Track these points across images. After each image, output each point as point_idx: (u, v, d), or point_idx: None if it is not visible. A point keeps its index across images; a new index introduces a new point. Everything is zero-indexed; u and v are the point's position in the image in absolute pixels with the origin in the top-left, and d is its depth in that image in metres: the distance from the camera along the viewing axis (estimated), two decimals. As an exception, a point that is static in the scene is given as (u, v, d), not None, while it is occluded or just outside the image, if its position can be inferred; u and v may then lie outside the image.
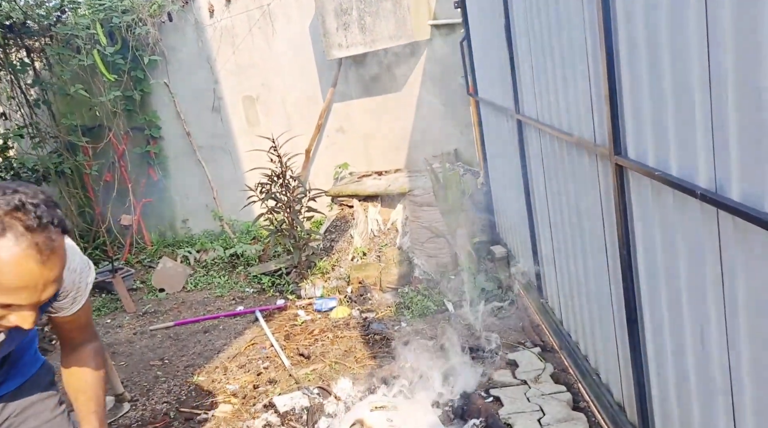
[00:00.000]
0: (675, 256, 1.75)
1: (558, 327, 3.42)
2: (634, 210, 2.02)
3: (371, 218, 5.62)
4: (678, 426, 1.94)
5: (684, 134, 1.60)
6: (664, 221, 1.80)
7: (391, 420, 2.02)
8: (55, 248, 1.19)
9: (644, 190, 1.91)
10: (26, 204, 1.16)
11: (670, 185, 1.67)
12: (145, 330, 4.64)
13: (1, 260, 1.11)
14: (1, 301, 1.16)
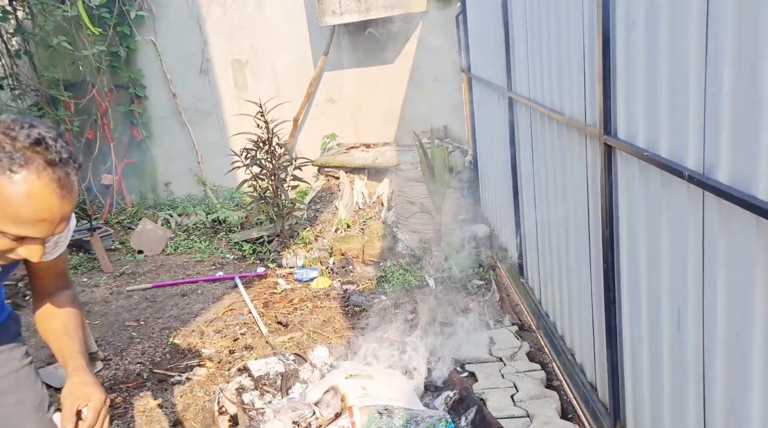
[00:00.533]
0: (658, 237, 1.75)
1: (536, 307, 3.44)
2: (620, 191, 2.01)
3: (357, 191, 5.58)
4: (648, 406, 1.96)
5: (676, 115, 1.58)
6: (650, 203, 1.79)
7: (365, 388, 2.01)
8: (73, 183, 1.21)
9: (632, 170, 1.89)
10: (46, 139, 1.17)
11: (659, 165, 1.66)
12: (122, 290, 4.59)
13: (23, 192, 1.14)
14: (16, 233, 1.18)
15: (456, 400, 2.12)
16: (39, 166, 1.15)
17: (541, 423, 2.71)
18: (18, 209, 1.15)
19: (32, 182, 1.14)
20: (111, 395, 3.19)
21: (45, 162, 1.16)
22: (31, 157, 1.15)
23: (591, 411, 2.56)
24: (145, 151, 6.68)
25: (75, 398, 1.41)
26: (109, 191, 6.50)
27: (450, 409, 2.09)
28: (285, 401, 2.14)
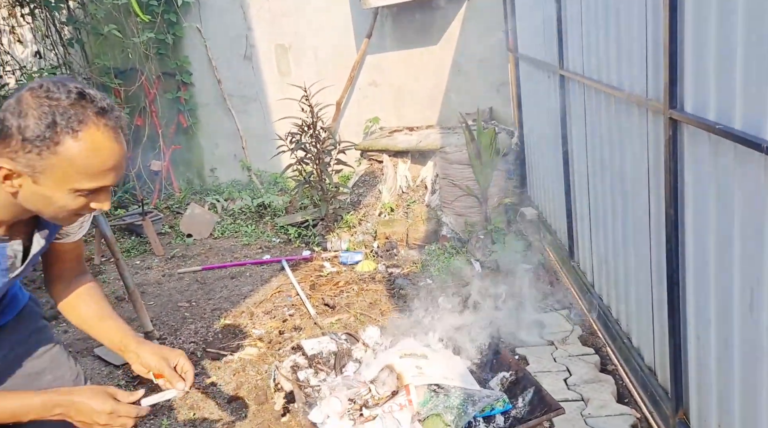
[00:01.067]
0: (730, 215, 1.67)
1: (588, 290, 3.36)
2: (686, 167, 1.93)
3: (400, 175, 5.55)
4: (716, 391, 1.90)
5: (753, 85, 1.49)
6: (721, 179, 1.71)
7: (420, 367, 2.00)
8: (123, 126, 1.27)
9: (701, 145, 1.81)
10: (84, 91, 1.21)
11: (732, 139, 1.58)
12: (173, 272, 4.70)
13: (90, 147, 1.19)
14: (90, 186, 1.23)
15: (512, 381, 2.09)
16: (93, 119, 1.19)
17: (596, 406, 2.66)
18: (89, 163, 1.19)
19: (94, 135, 1.19)
20: (167, 372, 3.28)
21: (95, 114, 1.20)
22: (83, 112, 1.18)
23: (650, 396, 2.50)
24: (191, 137, 6.80)
25: (165, 359, 1.52)
26: (158, 177, 6.65)
27: (506, 390, 2.06)
28: (340, 379, 2.16)
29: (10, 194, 1.24)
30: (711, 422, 1.96)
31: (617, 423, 2.54)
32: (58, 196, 1.22)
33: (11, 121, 1.16)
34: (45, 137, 1.16)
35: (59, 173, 1.19)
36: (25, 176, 1.20)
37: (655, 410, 2.45)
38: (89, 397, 1.38)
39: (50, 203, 1.24)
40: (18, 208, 1.29)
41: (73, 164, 1.19)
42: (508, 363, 2.17)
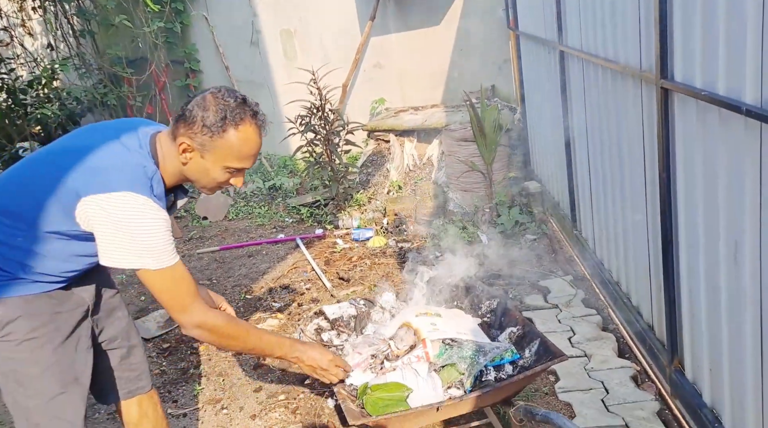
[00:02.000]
0: (715, 175, 1.83)
1: (591, 257, 3.54)
2: (677, 133, 2.09)
3: (407, 153, 5.71)
4: (706, 339, 2.07)
5: (733, 53, 1.65)
6: (707, 141, 1.87)
7: (434, 324, 2.19)
8: (265, 126, 1.73)
9: (689, 111, 1.97)
10: (245, 98, 1.68)
11: (717, 103, 1.73)
12: (193, 253, 4.90)
13: (244, 137, 1.64)
14: (238, 166, 1.68)
15: (519, 335, 2.27)
16: (249, 118, 1.65)
17: (599, 361, 2.85)
18: (241, 148, 1.65)
19: (248, 129, 1.65)
20: (195, 344, 3.48)
21: (251, 115, 1.66)
22: (243, 112, 1.65)
23: (648, 349, 2.68)
24: (201, 123, 6.94)
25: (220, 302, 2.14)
26: (170, 163, 6.81)
27: (513, 343, 2.25)
28: (361, 338, 2.35)
29: (182, 164, 1.68)
30: (703, 367, 2.14)
31: (618, 375, 2.73)
32: (214, 170, 1.67)
33: (197, 111, 1.62)
34: (218, 126, 1.61)
35: (219, 153, 1.64)
36: (196, 152, 1.65)
37: (653, 362, 2.64)
38: (318, 351, 1.99)
39: (207, 174, 1.69)
40: (180, 177, 1.73)
41: (231, 147, 1.64)
42: (515, 319, 2.35)
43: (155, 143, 1.70)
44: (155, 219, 1.60)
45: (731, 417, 1.96)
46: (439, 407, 1.91)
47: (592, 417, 2.48)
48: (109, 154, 1.63)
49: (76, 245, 1.65)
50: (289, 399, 2.88)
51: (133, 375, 2.01)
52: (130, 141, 1.67)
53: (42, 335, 1.67)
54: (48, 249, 1.64)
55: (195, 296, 1.72)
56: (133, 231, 1.57)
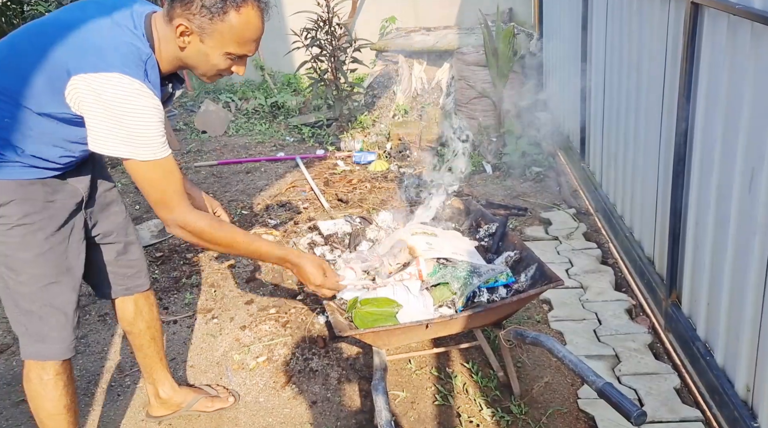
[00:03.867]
0: (740, 97, 1.71)
1: (596, 190, 3.44)
2: (703, 52, 1.94)
3: (416, 76, 5.51)
4: (708, 270, 2.01)
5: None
6: (735, 60, 1.73)
7: (430, 243, 2.12)
8: (268, 10, 1.60)
9: (719, 28, 1.81)
10: None
11: (751, 17, 1.58)
12: (190, 166, 4.82)
13: (246, 20, 1.51)
14: (238, 52, 1.56)
15: (516, 260, 2.21)
16: (253, 2, 1.52)
17: (595, 293, 2.81)
18: (243, 33, 1.52)
19: (250, 12, 1.52)
20: (188, 255, 3.46)
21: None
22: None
23: (646, 283, 2.63)
24: (204, 34, 6.69)
25: (215, 207, 2.05)
26: (172, 75, 6.62)
27: (510, 267, 2.19)
28: (354, 254, 2.29)
29: (179, 49, 1.56)
30: (701, 301, 2.09)
31: (613, 307, 2.70)
32: (214, 55, 1.55)
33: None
34: (218, 7, 1.48)
35: (219, 37, 1.52)
36: (195, 35, 1.53)
37: (650, 295, 2.59)
38: (312, 266, 1.87)
39: (207, 60, 1.57)
40: (177, 63, 1.61)
41: (232, 31, 1.51)
42: (513, 243, 2.28)
43: (150, 25, 1.57)
44: (147, 107, 1.49)
45: (724, 350, 1.92)
46: (429, 324, 1.87)
47: (582, 346, 2.47)
48: (102, 31, 1.51)
49: (67, 130, 1.57)
50: (280, 312, 2.87)
51: (131, 272, 1.98)
52: (125, 20, 1.54)
53: (35, 221, 1.63)
54: (38, 132, 1.55)
55: (181, 195, 1.64)
56: (123, 117, 1.47)
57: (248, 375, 2.47)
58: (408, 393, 2.28)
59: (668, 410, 2.10)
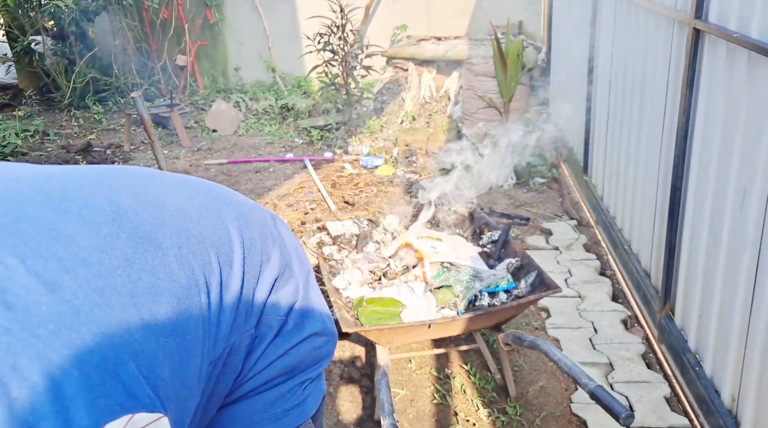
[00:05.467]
0: (735, 119, 1.80)
1: (597, 203, 3.53)
2: (702, 75, 2.03)
3: (425, 84, 5.60)
4: (701, 283, 2.10)
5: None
6: (732, 85, 1.82)
7: (434, 247, 2.21)
8: None
9: (718, 54, 1.91)
10: None
11: (748, 46, 1.68)
12: (200, 163, 4.91)
13: None
14: None
15: (517, 267, 2.30)
16: None
17: (592, 303, 2.90)
18: None
19: None
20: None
21: None
22: None
23: (642, 296, 2.72)
24: (217, 34, 6.80)
25: None
26: (183, 72, 6.73)
27: (511, 274, 2.28)
28: (361, 255, 2.38)
29: None
30: (692, 313, 2.18)
31: (609, 317, 2.79)
32: None
33: None
34: None
35: None
36: None
37: (645, 307, 2.68)
38: None
39: None
40: None
41: None
42: (515, 251, 2.37)
43: None
44: None
45: (712, 361, 2.01)
46: (431, 324, 1.96)
47: (577, 353, 2.55)
48: None
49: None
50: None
51: None
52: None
53: None
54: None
55: None
56: None
57: (254, 368, 2.56)
58: (408, 391, 2.37)
59: (657, 417, 2.19)
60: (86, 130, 5.86)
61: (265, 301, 0.78)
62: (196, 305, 0.65)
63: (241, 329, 0.74)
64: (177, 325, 0.62)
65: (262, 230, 0.80)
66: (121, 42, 6.56)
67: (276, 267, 0.80)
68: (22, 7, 5.98)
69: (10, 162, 0.71)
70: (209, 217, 0.73)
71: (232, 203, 0.79)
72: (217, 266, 0.70)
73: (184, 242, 0.67)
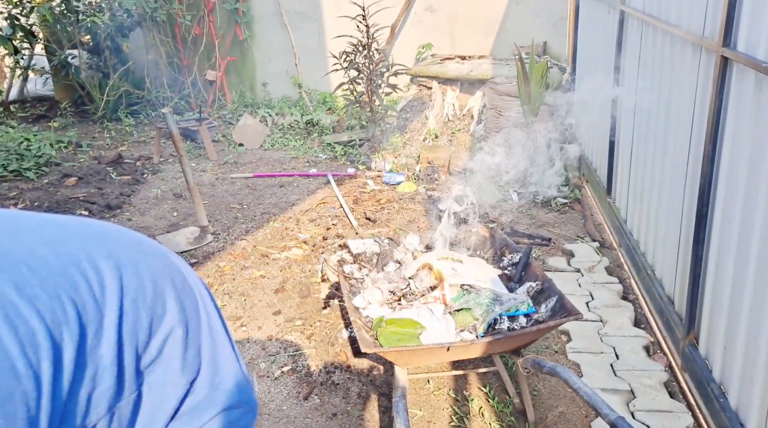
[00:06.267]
0: (763, 149, 1.78)
1: (621, 226, 3.50)
2: (730, 104, 2.02)
3: (448, 102, 5.63)
4: (726, 313, 2.06)
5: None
6: (760, 115, 1.81)
7: (455, 269, 2.22)
8: None
9: (746, 83, 1.89)
10: None
11: (777, 77, 1.67)
12: (226, 177, 5.00)
13: None
14: None
15: (537, 290, 2.30)
16: None
17: (613, 327, 2.87)
18: None
19: None
20: (221, 263, 3.60)
21: None
22: None
23: (665, 322, 2.68)
24: (246, 50, 6.93)
25: None
26: (212, 87, 6.86)
27: (531, 297, 2.27)
28: (382, 274, 2.40)
29: None
30: (718, 343, 2.14)
31: (631, 343, 2.75)
32: None
33: None
34: None
35: None
36: None
37: (668, 334, 2.64)
38: None
39: None
40: None
41: None
42: (535, 274, 2.36)
43: None
44: None
45: (738, 393, 1.97)
46: (450, 347, 1.96)
47: (599, 379, 2.52)
48: None
49: None
50: (305, 325, 2.98)
51: None
52: None
53: None
54: None
55: None
56: None
57: (273, 384, 2.58)
58: (425, 413, 2.37)
59: (679, 448, 2.15)
60: (117, 142, 6.00)
61: (152, 362, 0.62)
62: (26, 380, 0.50)
63: (114, 398, 0.58)
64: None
65: (155, 277, 0.64)
66: (153, 57, 6.72)
67: (172, 322, 0.64)
68: (60, 22, 6.18)
69: None
70: (77, 264, 0.58)
71: (119, 247, 0.63)
72: (76, 323, 0.55)
73: (23, 296, 0.52)
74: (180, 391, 0.64)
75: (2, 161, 5.08)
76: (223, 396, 0.68)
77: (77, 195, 4.65)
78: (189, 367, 0.64)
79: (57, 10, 6.14)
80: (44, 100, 7.17)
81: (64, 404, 0.53)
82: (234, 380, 0.70)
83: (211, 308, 0.70)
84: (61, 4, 6.12)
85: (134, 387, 0.60)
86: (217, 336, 0.69)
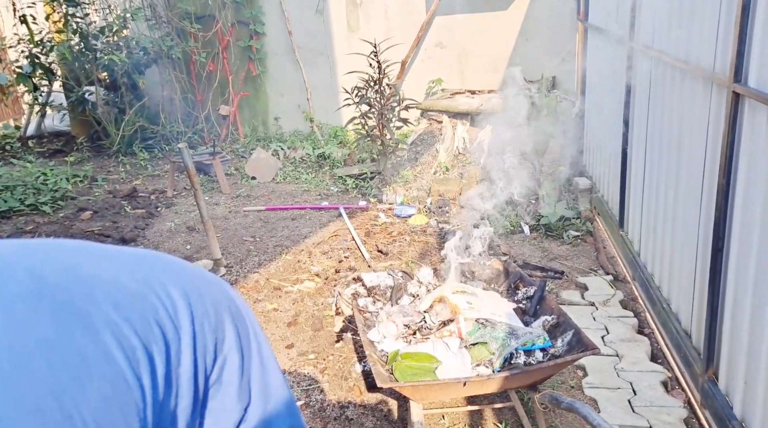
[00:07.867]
0: (778, 185, 1.79)
1: (634, 259, 3.49)
2: (743, 139, 2.04)
3: (459, 136, 5.69)
4: (746, 349, 2.04)
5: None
6: (774, 150, 1.82)
7: (470, 303, 2.22)
8: None
9: (759, 118, 1.91)
10: None
11: (789, 112, 1.68)
12: (239, 210, 5.04)
13: None
14: None
15: (553, 324, 2.28)
16: None
17: (630, 362, 2.83)
18: None
19: None
20: (233, 296, 3.61)
21: None
22: None
23: (682, 357, 2.65)
24: (259, 86, 7.07)
25: None
26: (226, 122, 6.98)
27: (547, 331, 2.26)
28: (396, 308, 2.40)
29: None
30: (738, 379, 2.11)
31: (648, 378, 2.71)
32: None
33: None
34: None
35: None
36: None
37: (686, 369, 2.60)
38: None
39: None
40: None
41: None
42: (551, 308, 2.35)
43: None
44: None
45: (761, 431, 1.94)
46: (466, 382, 1.94)
47: (616, 415, 2.48)
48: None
49: None
50: (318, 359, 2.97)
51: None
52: None
53: None
54: None
55: None
56: None
57: (286, 419, 2.56)
58: (441, 449, 2.33)
59: (702, 488, 2.10)
60: (132, 175, 6.09)
61: (213, 386, 0.64)
62: (135, 390, 0.54)
63: (191, 418, 0.61)
64: (110, 418, 0.51)
65: (216, 304, 0.67)
66: (168, 93, 6.87)
67: (230, 348, 0.66)
68: (78, 60, 6.35)
69: None
70: (152, 289, 0.62)
71: (182, 274, 0.67)
72: (162, 342, 0.59)
73: (121, 317, 0.57)
74: (236, 416, 0.66)
75: (20, 195, 5.16)
76: (276, 422, 0.70)
77: (92, 229, 4.70)
78: (244, 393, 0.67)
79: (76, 48, 6.32)
80: (61, 136, 7.31)
81: (159, 416, 0.57)
82: (285, 406, 0.72)
83: (262, 337, 0.72)
84: (80, 43, 6.30)
85: (201, 410, 0.63)
86: (268, 363, 0.71)
